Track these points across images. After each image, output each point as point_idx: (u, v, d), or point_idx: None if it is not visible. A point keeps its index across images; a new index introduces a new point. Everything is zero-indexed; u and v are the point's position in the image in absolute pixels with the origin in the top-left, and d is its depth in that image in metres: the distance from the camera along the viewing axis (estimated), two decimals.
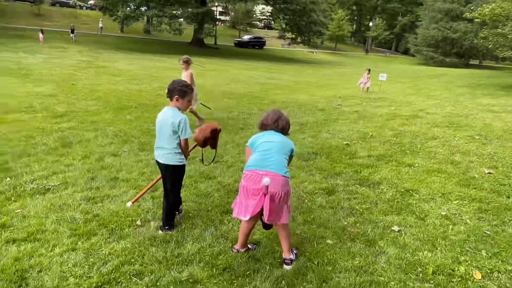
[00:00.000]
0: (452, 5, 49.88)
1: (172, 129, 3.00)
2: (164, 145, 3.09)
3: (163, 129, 3.07)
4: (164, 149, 3.10)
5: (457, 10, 48.72)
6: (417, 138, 6.89)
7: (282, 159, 2.74)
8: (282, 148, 2.81)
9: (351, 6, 72.32)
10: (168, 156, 3.10)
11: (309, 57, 47.07)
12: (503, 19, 19.28)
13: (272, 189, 2.60)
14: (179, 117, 3.00)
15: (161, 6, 30.90)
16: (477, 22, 21.80)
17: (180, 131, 3.01)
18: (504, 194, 4.27)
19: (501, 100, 12.83)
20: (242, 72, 20.73)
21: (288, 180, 2.73)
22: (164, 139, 3.08)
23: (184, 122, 3.00)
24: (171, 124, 2.99)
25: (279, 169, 2.68)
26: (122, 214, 3.49)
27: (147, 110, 8.42)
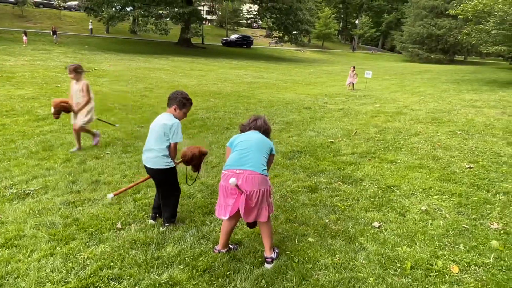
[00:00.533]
0: (436, 2, 50.53)
1: (164, 130, 3.03)
2: (153, 146, 3.11)
3: (155, 129, 3.10)
4: (152, 151, 3.11)
5: (442, 7, 49.35)
6: (400, 135, 6.97)
7: (260, 157, 2.75)
8: (261, 147, 2.82)
9: (337, 4, 72.70)
10: (156, 160, 3.11)
11: (296, 55, 47.19)
12: (485, 15, 19.60)
13: (248, 187, 2.63)
14: (173, 120, 3.06)
15: (147, 6, 30.60)
16: (461, 18, 22.11)
17: (172, 134, 3.03)
18: (484, 188, 4.35)
19: (484, 96, 13.05)
20: (229, 71, 20.69)
21: (266, 178, 2.72)
22: (153, 141, 3.10)
23: (176, 126, 3.04)
24: (163, 126, 3.04)
25: (256, 167, 2.68)
26: (103, 217, 3.46)
27: (131, 111, 8.34)
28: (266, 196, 2.73)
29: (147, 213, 3.57)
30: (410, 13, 55.81)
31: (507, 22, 17.60)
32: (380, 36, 77.08)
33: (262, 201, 2.71)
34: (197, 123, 7.60)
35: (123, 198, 3.91)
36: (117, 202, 3.81)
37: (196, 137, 6.50)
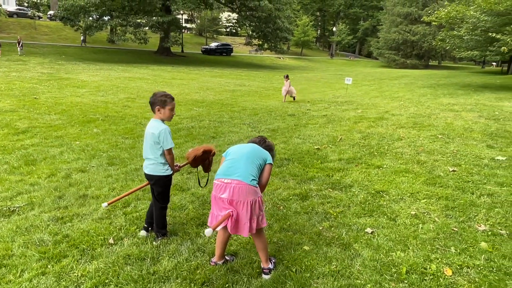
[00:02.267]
0: (410, 9, 52.12)
1: (154, 140, 3.04)
2: (149, 155, 3.15)
3: (147, 140, 3.13)
4: (149, 159, 3.16)
5: (416, 14, 51.00)
6: (384, 140, 7.11)
7: (249, 168, 2.68)
8: (252, 157, 2.75)
9: (314, 12, 74.11)
10: (152, 166, 3.16)
11: (276, 62, 47.59)
12: (458, 22, 20.34)
13: (235, 197, 2.59)
14: (160, 128, 3.02)
15: (125, 15, 30.33)
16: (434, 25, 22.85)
17: (162, 142, 3.03)
18: (469, 191, 4.48)
19: (460, 99, 13.48)
20: (211, 80, 20.67)
21: (254, 189, 2.64)
22: (148, 150, 3.15)
23: (164, 133, 3.01)
24: (151, 135, 3.05)
25: (244, 177, 2.62)
26: (94, 233, 3.38)
27: (114, 122, 8.22)
28: (255, 207, 2.64)
29: (139, 227, 3.51)
30: (386, 20, 57.33)
31: (479, 28, 18.31)
32: (357, 43, 78.86)
33: (251, 212, 2.62)
34: (182, 133, 7.55)
35: (113, 212, 3.84)
36: (107, 216, 3.73)
37: (183, 146, 6.45)
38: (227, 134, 7.62)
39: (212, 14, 61.10)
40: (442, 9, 20.39)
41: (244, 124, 8.69)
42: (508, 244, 3.23)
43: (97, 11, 29.31)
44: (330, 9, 73.97)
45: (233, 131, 7.86)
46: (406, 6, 52.87)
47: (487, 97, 14.52)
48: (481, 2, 16.63)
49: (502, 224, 3.62)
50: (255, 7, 34.43)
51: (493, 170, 5.23)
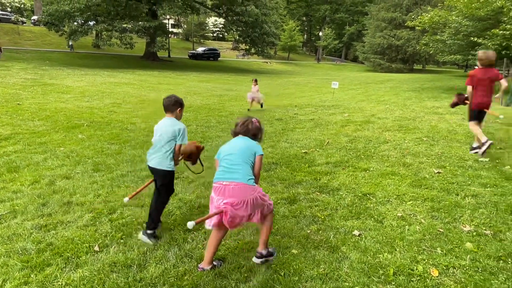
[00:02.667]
0: (394, 14, 53.04)
1: (173, 135, 3.29)
2: (160, 150, 3.34)
3: (163, 135, 3.32)
4: (158, 154, 3.34)
5: (400, 19, 51.92)
6: (370, 143, 7.18)
7: (245, 168, 2.83)
8: (245, 156, 2.88)
9: (301, 17, 74.81)
10: (160, 160, 3.34)
11: (264, 67, 47.78)
12: (441, 26, 20.79)
13: (236, 197, 2.72)
14: (180, 125, 3.34)
15: (111, 20, 30.11)
16: (418, 29, 23.30)
17: (179, 137, 3.31)
18: (453, 192, 4.55)
19: (444, 103, 13.72)
20: (198, 85, 20.63)
21: (253, 187, 2.79)
22: (161, 145, 3.34)
23: (184, 130, 3.35)
24: (171, 131, 3.30)
25: (242, 179, 2.77)
26: (78, 240, 3.32)
27: (99, 128, 8.11)
28: (257, 202, 2.79)
29: (125, 233, 3.46)
30: (371, 25, 58.21)
31: (461, 33, 18.73)
32: (343, 47, 79.78)
33: (254, 207, 2.79)
34: None
35: (99, 218, 3.78)
36: (93, 223, 3.67)
37: None
38: (215, 139, 7.60)
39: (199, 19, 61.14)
40: (425, 14, 20.82)
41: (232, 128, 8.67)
42: (492, 244, 3.28)
43: (82, 16, 29.02)
44: (316, 14, 74.81)
45: (220, 136, 7.84)
46: (390, 11, 53.82)
47: None
48: (462, 8, 17.04)
49: (486, 224, 3.67)
50: (242, 12, 34.62)
51: (477, 171, 5.32)
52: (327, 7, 73.16)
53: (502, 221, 3.72)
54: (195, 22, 61.50)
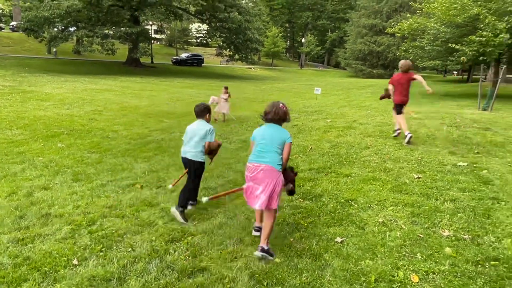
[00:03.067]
0: (375, 21, 54.08)
1: (205, 134, 4.09)
2: (194, 146, 4.11)
3: (196, 134, 4.11)
4: (196, 147, 4.10)
5: (380, 26, 52.97)
6: (352, 149, 7.26)
7: (275, 155, 3.29)
8: (275, 144, 3.33)
9: (284, 23, 75.53)
10: (195, 154, 4.10)
11: (248, 73, 47.92)
12: (420, 33, 21.30)
13: (266, 178, 3.19)
14: (210, 126, 4.18)
15: (92, 26, 29.69)
16: (398, 36, 23.81)
17: (209, 136, 4.11)
18: (433, 197, 4.63)
19: (424, 108, 14.02)
20: (181, 91, 20.51)
21: (278, 172, 3.26)
22: (194, 143, 4.11)
23: (212, 130, 4.17)
24: (203, 131, 4.10)
25: (272, 163, 3.25)
26: (56, 254, 3.23)
27: (80, 136, 7.96)
28: (277, 187, 3.21)
29: (104, 246, 3.39)
30: (352, 32, 59.17)
31: (439, 39, 19.23)
32: (325, 54, 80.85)
33: (274, 191, 3.18)
34: (152, 146, 7.42)
35: (78, 231, 3.69)
36: (71, 236, 3.58)
37: (153, 160, 6.32)
38: None
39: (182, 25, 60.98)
40: (404, 21, 21.31)
41: (216, 135, 8.64)
42: (471, 249, 3.35)
43: (62, 22, 28.54)
44: (298, 21, 75.66)
45: None
46: (370, 18, 54.86)
47: (449, 104, 15.21)
48: (440, 15, 17.51)
49: (465, 229, 3.75)
50: (225, 19, 34.68)
51: (455, 176, 5.44)
52: (309, 14, 74.08)
53: (480, 226, 3.81)
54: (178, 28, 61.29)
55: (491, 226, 3.78)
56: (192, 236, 3.58)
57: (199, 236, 3.59)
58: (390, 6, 53.13)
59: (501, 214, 4.07)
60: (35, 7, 28.05)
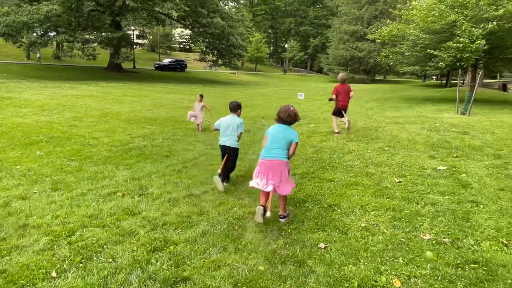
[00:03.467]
0: (356, 27, 55.01)
1: (238, 125, 5.27)
2: (231, 135, 5.28)
3: (230, 126, 5.26)
4: (231, 137, 5.28)
5: (361, 32, 53.92)
6: (335, 154, 7.32)
7: (282, 151, 4.10)
8: (283, 142, 4.11)
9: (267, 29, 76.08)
10: (232, 141, 5.29)
11: (231, 78, 47.95)
12: (400, 39, 21.74)
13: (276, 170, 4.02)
14: (240, 120, 5.38)
15: (72, 31, 29.23)
16: (378, 42, 24.24)
17: (240, 127, 5.32)
18: (414, 201, 4.70)
19: (404, 112, 14.29)
20: (164, 96, 20.34)
21: (287, 162, 4.14)
22: (230, 132, 5.27)
23: (242, 123, 5.37)
24: (236, 123, 5.27)
25: (280, 157, 4.07)
26: (34, 266, 3.14)
27: (59, 144, 7.79)
28: (286, 174, 4.08)
29: (84, 257, 3.30)
30: (334, 38, 60.01)
31: (418, 45, 19.66)
32: (308, 59, 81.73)
33: (283, 177, 4.03)
34: (133, 153, 7.31)
35: (56, 242, 3.60)
36: (50, 247, 3.48)
37: (134, 167, 6.23)
38: (181, 152, 7.49)
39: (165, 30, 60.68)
40: (384, 28, 21.72)
41: (199, 141, 8.60)
42: (451, 252, 3.41)
43: (41, 27, 28.00)
44: (281, 26, 76.37)
45: (187, 149, 7.74)
46: (352, 24, 55.78)
47: (429, 109, 15.53)
48: (419, 21, 17.93)
49: (445, 232, 3.82)
50: (208, 24, 34.71)
51: (435, 179, 5.55)
52: (291, 20, 74.89)
53: (459, 229, 3.88)
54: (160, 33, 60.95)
55: (470, 229, 3.86)
56: (174, 245, 3.53)
57: (182, 245, 3.54)
58: (371, 13, 54.19)
59: (479, 217, 4.16)
60: (13, 11, 27.49)
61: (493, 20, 15.06)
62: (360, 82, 52.98)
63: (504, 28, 15.20)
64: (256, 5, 73.53)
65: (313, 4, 79.20)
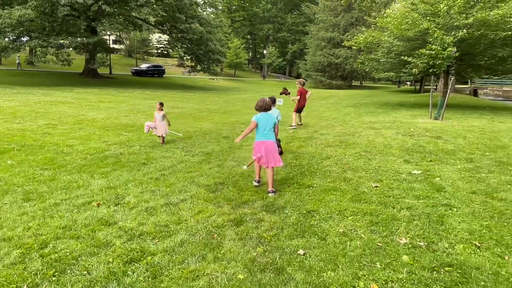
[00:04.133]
0: (333, 34, 55.92)
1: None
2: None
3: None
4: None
5: (338, 38, 54.83)
6: (313, 159, 7.39)
7: (272, 133, 5.51)
8: (271, 125, 5.45)
9: (245, 35, 76.44)
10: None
11: (210, 84, 47.81)
12: (375, 46, 22.24)
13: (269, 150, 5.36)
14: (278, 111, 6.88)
15: (46, 36, 28.48)
16: (355, 48, 24.70)
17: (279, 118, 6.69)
18: (390, 205, 4.79)
19: (380, 117, 14.59)
20: (142, 102, 20.05)
21: (275, 142, 5.52)
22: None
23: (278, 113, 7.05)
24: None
25: (272, 138, 5.46)
26: (4, 281, 3.01)
27: (32, 152, 7.55)
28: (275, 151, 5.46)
29: (57, 270, 3.20)
30: (311, 44, 60.79)
31: (393, 52, 20.16)
32: (287, 65, 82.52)
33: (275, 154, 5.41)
34: (109, 161, 7.16)
35: (28, 255, 3.47)
36: (21, 260, 3.36)
37: (110, 175, 6.10)
38: (159, 159, 7.38)
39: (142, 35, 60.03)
40: (360, 35, 22.17)
41: (177, 148, 8.50)
42: (426, 256, 3.48)
43: (13, 32, 27.16)
44: (260, 33, 76.87)
45: (165, 156, 7.64)
46: (329, 31, 56.69)
47: (403, 114, 15.92)
48: (393, 29, 18.39)
49: (420, 236, 3.90)
50: (186, 30, 34.55)
51: (410, 184, 5.68)
52: (270, 26, 75.53)
53: (434, 232, 3.98)
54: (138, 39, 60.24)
55: (444, 233, 3.96)
56: (152, 256, 3.46)
57: (159, 255, 3.48)
58: (347, 20, 55.25)
59: (453, 220, 4.28)
60: None
61: (464, 28, 15.63)
62: (338, 88, 53.81)
63: (474, 35, 15.81)
64: (234, 11, 73.81)
65: (290, 11, 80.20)
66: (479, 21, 15.62)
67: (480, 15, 15.26)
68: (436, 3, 17.08)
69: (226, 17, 64.24)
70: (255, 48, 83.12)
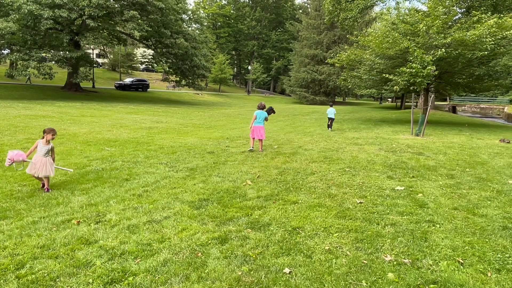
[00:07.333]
0: (316, 51, 57.08)
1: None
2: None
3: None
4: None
5: (321, 56, 56.03)
6: (298, 175, 7.40)
7: (262, 121, 10.16)
8: (262, 117, 10.12)
9: (230, 51, 77.23)
10: None
11: (195, 99, 47.79)
12: (357, 64, 22.77)
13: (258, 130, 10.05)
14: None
15: (27, 49, 28.07)
16: (337, 65, 25.19)
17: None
18: (374, 222, 4.81)
19: (363, 133, 14.81)
20: (125, 117, 19.84)
21: (263, 127, 10.19)
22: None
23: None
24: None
25: (262, 124, 10.13)
26: None
27: (10, 168, 7.31)
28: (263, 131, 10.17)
29: None
30: (295, 61, 61.84)
31: (374, 70, 20.67)
32: (271, 81, 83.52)
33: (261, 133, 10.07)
34: (91, 176, 7.00)
35: (3, 276, 3.31)
36: None
37: (91, 191, 5.95)
38: (142, 175, 7.26)
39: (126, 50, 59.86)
40: (343, 53, 22.70)
41: (161, 163, 8.39)
42: (411, 273, 3.49)
43: None
44: (244, 49, 77.75)
45: (149, 172, 7.53)
46: (312, 48, 57.86)
47: (385, 130, 16.21)
48: (375, 47, 18.90)
49: (405, 253, 3.92)
50: (171, 45, 34.64)
51: (394, 200, 5.73)
52: (254, 42, 76.59)
53: (418, 249, 4.00)
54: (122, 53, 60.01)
55: (428, 249, 3.99)
56: (133, 276, 3.36)
57: (142, 276, 3.37)
58: (330, 38, 56.54)
59: (436, 237, 4.32)
60: None
61: (442, 47, 16.19)
62: (321, 103, 54.58)
63: (452, 54, 16.39)
64: (220, 28, 74.64)
65: (275, 28, 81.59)
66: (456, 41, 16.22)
67: (457, 35, 15.86)
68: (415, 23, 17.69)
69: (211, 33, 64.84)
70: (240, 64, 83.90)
